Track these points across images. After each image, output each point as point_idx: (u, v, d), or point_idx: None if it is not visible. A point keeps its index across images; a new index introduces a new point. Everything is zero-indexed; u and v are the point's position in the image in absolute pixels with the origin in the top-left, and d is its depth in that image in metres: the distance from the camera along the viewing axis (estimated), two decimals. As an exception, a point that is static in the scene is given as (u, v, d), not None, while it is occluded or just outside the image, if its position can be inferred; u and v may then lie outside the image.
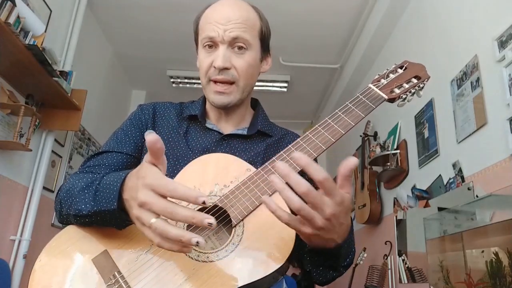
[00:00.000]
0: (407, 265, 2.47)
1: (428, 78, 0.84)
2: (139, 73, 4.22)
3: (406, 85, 0.82)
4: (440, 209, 2.03)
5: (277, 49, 3.61)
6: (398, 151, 2.75)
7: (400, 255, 2.57)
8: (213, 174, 0.77)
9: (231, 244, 0.68)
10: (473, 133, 1.87)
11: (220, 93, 0.86)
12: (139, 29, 3.45)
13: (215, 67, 0.84)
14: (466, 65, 1.98)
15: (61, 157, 2.89)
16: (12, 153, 2.31)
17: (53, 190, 2.76)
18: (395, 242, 2.72)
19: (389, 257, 2.75)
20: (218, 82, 0.86)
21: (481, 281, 1.57)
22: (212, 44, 0.86)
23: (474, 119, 1.86)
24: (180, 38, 3.37)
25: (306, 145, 0.74)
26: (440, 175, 2.17)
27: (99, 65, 3.57)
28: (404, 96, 0.82)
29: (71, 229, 0.74)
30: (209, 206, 0.70)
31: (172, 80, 4.17)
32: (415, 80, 0.83)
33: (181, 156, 0.86)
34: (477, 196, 1.75)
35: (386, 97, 0.79)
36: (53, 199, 0.82)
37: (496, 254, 1.51)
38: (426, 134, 2.39)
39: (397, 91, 0.81)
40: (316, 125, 0.76)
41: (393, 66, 0.86)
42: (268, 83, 4.17)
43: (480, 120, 1.81)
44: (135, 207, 0.59)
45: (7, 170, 2.28)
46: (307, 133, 0.75)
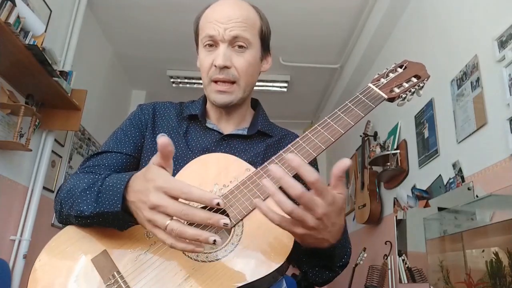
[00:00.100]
0: (407, 265, 2.47)
1: (428, 78, 0.84)
2: (139, 73, 4.22)
3: (406, 85, 0.82)
4: (440, 209, 2.02)
5: (277, 49, 3.61)
6: (398, 151, 2.75)
7: (400, 255, 2.57)
8: (213, 174, 0.77)
9: (230, 244, 0.68)
10: (473, 133, 1.87)
11: (222, 92, 0.86)
12: (139, 29, 3.45)
13: (215, 66, 0.84)
14: (466, 65, 1.98)
15: (61, 157, 2.89)
16: (12, 153, 2.31)
17: (53, 190, 2.76)
18: (395, 242, 2.72)
19: (389, 257, 2.75)
20: (219, 81, 0.86)
21: (481, 281, 1.56)
22: (212, 43, 0.86)
23: (474, 119, 1.86)
24: (180, 38, 3.38)
25: (305, 145, 0.73)
26: (440, 175, 2.17)
27: (99, 65, 3.57)
28: (404, 96, 0.81)
29: (70, 229, 0.74)
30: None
31: (172, 80, 4.17)
32: (415, 80, 0.83)
33: (180, 156, 0.86)
34: (477, 196, 1.75)
35: (386, 96, 0.79)
36: (53, 199, 0.82)
37: (496, 254, 1.51)
38: (426, 134, 2.39)
39: (397, 90, 0.81)
40: (316, 125, 0.75)
41: (393, 66, 0.86)
42: (268, 83, 4.17)
43: (480, 120, 1.81)
44: (146, 209, 0.60)
45: (7, 170, 2.28)
46: (306, 132, 0.75)
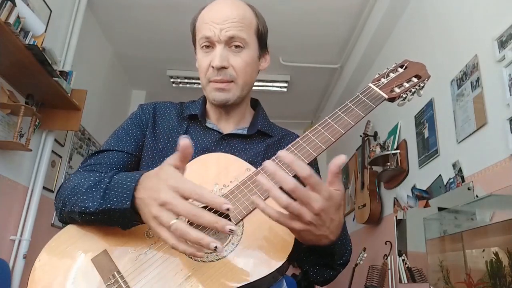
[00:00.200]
0: (407, 265, 2.47)
1: (429, 78, 0.84)
2: (139, 73, 4.22)
3: (407, 84, 0.82)
4: (440, 209, 2.02)
5: (277, 49, 3.61)
6: (398, 151, 2.75)
7: (400, 255, 2.57)
8: (213, 174, 0.77)
9: (230, 244, 0.68)
10: (473, 133, 1.87)
11: (220, 90, 0.86)
12: (139, 29, 3.45)
13: (213, 67, 0.84)
14: (466, 65, 1.98)
15: (61, 157, 2.89)
16: (12, 153, 2.31)
17: (53, 190, 2.76)
18: (395, 242, 2.72)
19: (389, 257, 2.75)
20: (217, 82, 0.86)
21: (481, 281, 1.56)
22: (209, 44, 0.86)
23: (474, 119, 1.86)
24: (180, 38, 3.37)
25: (306, 145, 0.73)
26: (440, 175, 2.17)
27: (99, 65, 3.57)
28: (404, 96, 0.81)
29: (71, 229, 0.74)
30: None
31: (172, 80, 4.17)
32: (415, 79, 0.83)
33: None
34: (477, 196, 1.75)
35: (386, 96, 0.79)
36: (53, 199, 0.81)
37: (496, 254, 1.51)
38: (426, 134, 2.39)
39: (397, 90, 0.81)
40: (316, 125, 0.75)
41: (393, 65, 0.86)
42: (268, 83, 4.16)
43: (480, 120, 1.81)
44: (155, 206, 0.60)
45: (7, 170, 2.28)
46: (307, 132, 0.75)
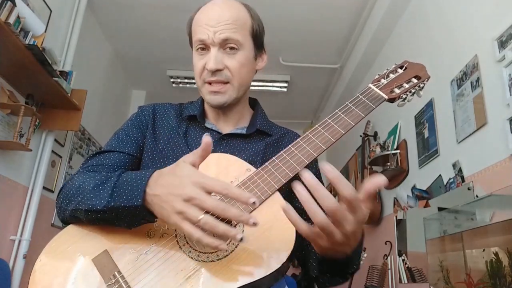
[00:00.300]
0: (407, 265, 2.47)
1: (428, 78, 0.84)
2: (139, 73, 4.22)
3: (406, 85, 0.82)
4: (440, 209, 2.02)
5: (277, 49, 3.61)
6: (398, 151, 2.75)
7: (400, 255, 2.57)
8: (213, 174, 0.77)
9: (231, 244, 0.68)
10: (473, 133, 1.87)
11: (215, 93, 0.86)
12: (139, 29, 3.45)
13: (208, 70, 0.84)
14: (466, 65, 1.98)
15: (61, 157, 2.89)
16: (12, 153, 2.31)
17: (53, 190, 2.76)
18: (395, 242, 2.72)
19: (389, 257, 2.75)
20: (212, 83, 0.86)
21: (481, 281, 1.57)
22: (204, 47, 0.86)
23: (474, 119, 1.86)
24: (180, 38, 3.35)
25: (306, 145, 0.74)
26: (440, 175, 2.17)
27: (99, 65, 3.57)
28: (404, 96, 0.82)
29: (71, 229, 0.74)
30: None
31: (172, 80, 4.17)
32: (415, 80, 0.83)
33: (180, 156, 0.85)
34: (477, 196, 1.75)
35: (386, 97, 0.79)
36: (53, 199, 0.82)
37: (496, 254, 1.51)
38: (426, 134, 2.39)
39: (397, 91, 0.81)
40: (316, 125, 0.76)
41: (393, 66, 0.86)
42: (268, 83, 4.16)
43: (480, 120, 1.81)
44: (179, 201, 0.61)
45: (7, 170, 2.28)
46: (307, 133, 0.75)
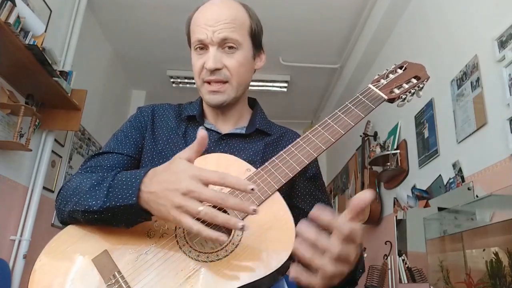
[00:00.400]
0: (407, 265, 2.47)
1: (428, 78, 0.85)
2: (139, 73, 4.22)
3: (406, 85, 0.82)
4: (440, 209, 2.02)
5: (277, 49, 3.61)
6: (398, 151, 2.75)
7: (400, 255, 2.57)
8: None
9: (230, 244, 0.68)
10: (473, 133, 1.87)
11: (214, 92, 0.86)
12: (139, 29, 3.45)
13: (206, 69, 0.85)
14: (466, 65, 1.98)
15: (61, 157, 2.89)
16: (12, 153, 2.31)
17: (53, 190, 2.76)
18: (395, 242, 2.72)
19: (389, 257, 2.75)
20: (211, 82, 0.86)
21: (481, 281, 1.57)
22: (202, 46, 0.86)
23: (474, 119, 1.86)
24: (180, 38, 3.33)
25: (306, 145, 0.74)
26: (440, 175, 2.17)
27: (99, 65, 3.57)
28: (403, 96, 0.82)
29: (71, 229, 0.74)
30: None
31: (172, 80, 4.17)
32: (414, 80, 0.84)
33: (180, 156, 0.86)
34: (477, 196, 1.75)
35: (386, 97, 0.79)
36: (53, 199, 0.82)
37: (496, 254, 1.51)
38: (426, 134, 2.39)
39: (396, 91, 0.81)
40: (316, 125, 0.76)
41: (392, 67, 0.86)
42: (268, 83, 4.16)
43: (480, 120, 1.81)
44: (177, 196, 0.61)
45: (7, 170, 2.28)
46: (307, 133, 0.75)
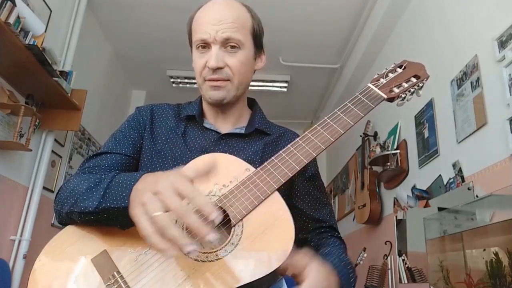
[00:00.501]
0: (407, 265, 2.47)
1: (427, 78, 0.84)
2: (139, 73, 4.22)
3: (405, 85, 0.82)
4: (440, 209, 2.02)
5: (277, 49, 3.61)
6: (398, 151, 2.75)
7: (400, 255, 2.57)
8: (213, 174, 0.77)
9: (230, 244, 0.68)
10: (473, 133, 1.87)
11: (216, 88, 0.87)
12: (139, 29, 3.45)
13: (208, 67, 0.85)
14: (466, 65, 1.98)
15: (61, 157, 2.89)
16: (12, 153, 2.31)
17: (53, 190, 2.76)
18: (395, 242, 2.72)
19: (389, 257, 2.75)
20: (213, 80, 0.86)
21: (481, 281, 1.57)
22: (204, 45, 0.86)
23: (474, 119, 1.86)
24: (180, 38, 3.33)
25: (305, 145, 0.74)
26: (440, 175, 2.17)
27: (99, 65, 3.57)
28: (403, 96, 0.82)
29: (70, 229, 0.74)
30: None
31: (172, 80, 4.17)
32: (414, 80, 0.84)
33: (179, 156, 0.86)
34: (477, 196, 1.75)
35: (385, 96, 0.79)
36: (53, 199, 0.82)
37: (496, 254, 1.51)
38: (426, 134, 2.39)
39: (396, 90, 0.81)
40: (316, 125, 0.76)
41: (392, 66, 0.86)
42: (268, 83, 4.16)
43: (480, 120, 1.81)
44: (147, 193, 0.60)
45: (7, 170, 2.28)
46: (306, 132, 0.75)
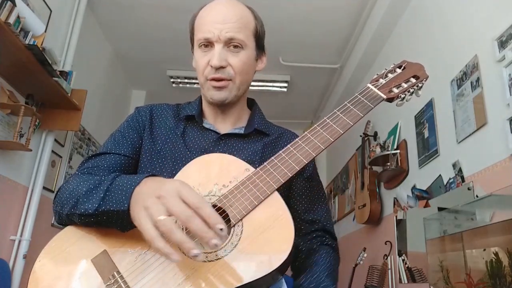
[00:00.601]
0: (407, 265, 2.46)
1: (427, 78, 0.85)
2: (139, 73, 4.22)
3: (405, 85, 0.82)
4: (440, 209, 2.02)
5: (277, 49, 3.61)
6: (398, 151, 2.75)
7: (400, 255, 2.57)
8: (212, 174, 0.77)
9: (229, 244, 0.68)
10: (473, 133, 1.87)
11: (218, 89, 0.87)
12: (139, 29, 3.45)
13: (211, 66, 0.85)
14: (466, 65, 1.98)
15: (61, 157, 2.89)
16: (12, 153, 2.31)
17: (53, 190, 2.76)
18: (395, 242, 2.72)
19: (389, 257, 2.75)
20: (215, 79, 0.86)
21: (481, 281, 1.57)
22: (207, 44, 0.86)
23: (474, 119, 1.86)
24: (180, 38, 3.37)
25: (304, 145, 0.74)
26: (440, 175, 2.17)
27: (99, 65, 3.58)
28: (402, 96, 0.82)
29: (70, 230, 0.74)
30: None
31: (172, 80, 4.17)
32: (413, 80, 0.84)
33: (179, 156, 0.86)
34: (477, 196, 1.75)
35: (385, 96, 0.80)
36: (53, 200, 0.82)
37: (496, 254, 1.51)
38: (426, 134, 2.39)
39: (395, 90, 0.81)
40: (315, 125, 0.76)
41: (391, 66, 0.86)
42: (268, 83, 4.16)
43: (480, 120, 1.81)
44: (151, 197, 0.61)
45: (7, 170, 2.28)
46: (306, 133, 0.75)
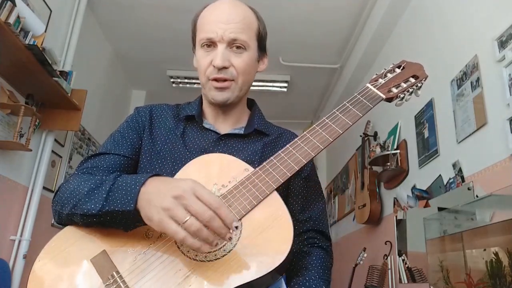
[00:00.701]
0: (407, 265, 2.46)
1: (426, 78, 0.85)
2: (139, 73, 4.22)
3: (404, 85, 0.82)
4: (440, 209, 2.02)
5: (277, 49, 3.61)
6: (398, 151, 2.75)
7: (400, 255, 2.57)
8: (212, 174, 0.77)
9: (228, 244, 0.68)
10: (473, 133, 1.87)
11: (220, 89, 0.87)
12: (139, 29, 3.45)
13: (214, 66, 0.85)
14: (466, 65, 1.98)
15: (61, 157, 2.89)
16: (12, 153, 2.31)
17: (53, 190, 2.76)
18: (395, 242, 2.72)
19: (389, 257, 2.75)
20: (217, 80, 0.86)
21: (481, 281, 1.56)
22: (210, 44, 0.86)
23: (474, 119, 1.86)
24: (180, 38, 3.37)
25: (304, 145, 0.74)
26: (440, 175, 2.17)
27: (99, 65, 3.58)
28: (402, 96, 0.82)
29: (70, 230, 0.74)
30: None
31: (172, 80, 4.17)
32: (413, 80, 0.84)
33: (178, 157, 0.86)
34: (477, 196, 1.75)
35: (384, 96, 0.80)
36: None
37: (496, 254, 1.51)
38: (426, 134, 2.39)
39: (394, 90, 0.81)
40: (314, 125, 0.76)
41: (391, 66, 0.86)
42: (268, 83, 4.16)
43: (480, 120, 1.81)
44: (168, 197, 0.62)
45: (7, 170, 2.28)
46: (305, 133, 0.76)
